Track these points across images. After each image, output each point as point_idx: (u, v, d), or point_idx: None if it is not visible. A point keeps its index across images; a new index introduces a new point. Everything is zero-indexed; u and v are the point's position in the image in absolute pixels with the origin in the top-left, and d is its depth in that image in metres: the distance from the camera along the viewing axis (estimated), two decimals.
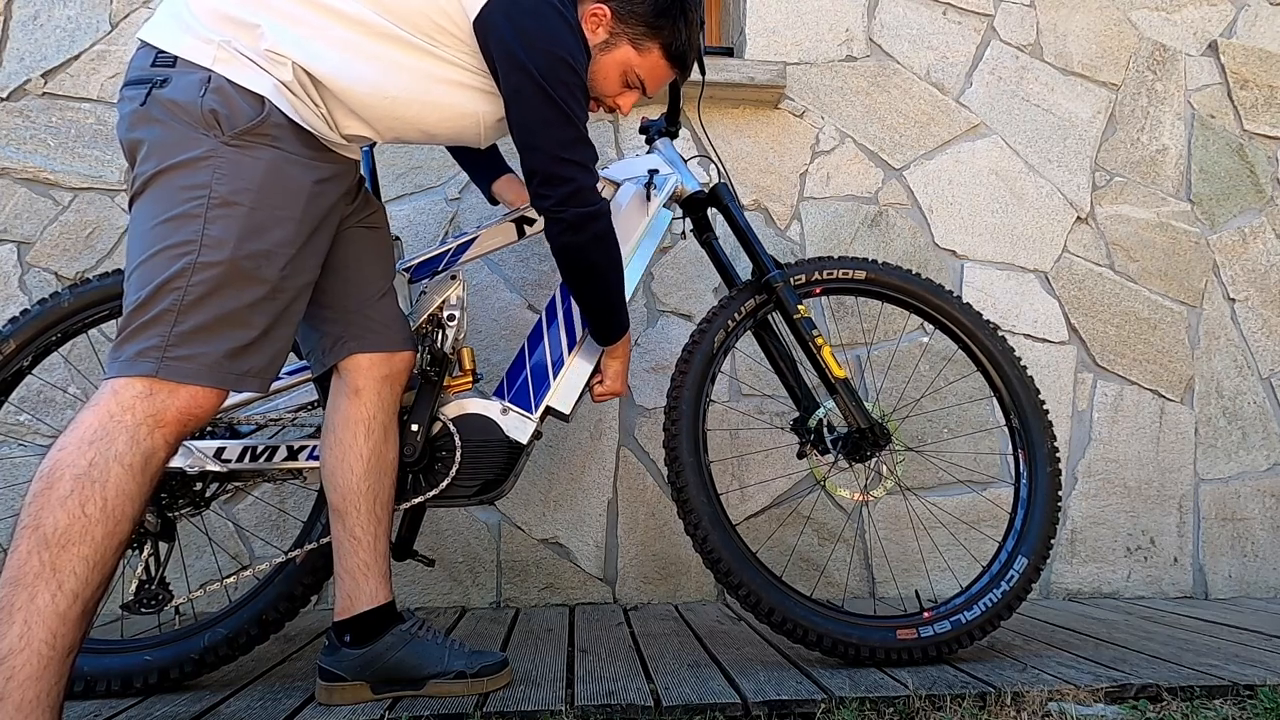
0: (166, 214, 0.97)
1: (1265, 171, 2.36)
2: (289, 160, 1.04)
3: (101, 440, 0.90)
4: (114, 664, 1.25)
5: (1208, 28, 2.40)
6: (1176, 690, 1.23)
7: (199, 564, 1.87)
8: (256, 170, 1.00)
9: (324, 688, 1.19)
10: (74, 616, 0.86)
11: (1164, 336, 2.26)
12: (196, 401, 0.97)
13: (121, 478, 0.90)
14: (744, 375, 2.09)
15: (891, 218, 2.21)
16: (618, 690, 1.21)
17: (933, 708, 1.16)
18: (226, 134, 0.99)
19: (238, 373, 0.99)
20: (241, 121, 1.00)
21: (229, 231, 0.98)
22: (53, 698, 0.84)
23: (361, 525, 1.21)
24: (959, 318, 1.57)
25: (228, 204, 0.98)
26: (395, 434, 1.27)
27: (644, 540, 2.01)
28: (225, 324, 0.98)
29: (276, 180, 1.02)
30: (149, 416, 0.93)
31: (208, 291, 0.96)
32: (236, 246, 0.98)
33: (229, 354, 0.98)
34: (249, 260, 0.99)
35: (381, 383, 1.23)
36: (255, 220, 0.99)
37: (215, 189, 0.98)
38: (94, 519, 0.88)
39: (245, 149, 1.00)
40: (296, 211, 1.04)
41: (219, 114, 0.99)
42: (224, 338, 0.98)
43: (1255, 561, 2.21)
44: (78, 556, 0.86)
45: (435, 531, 1.96)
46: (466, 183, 2.07)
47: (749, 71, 2.09)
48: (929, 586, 2.07)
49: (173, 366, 0.94)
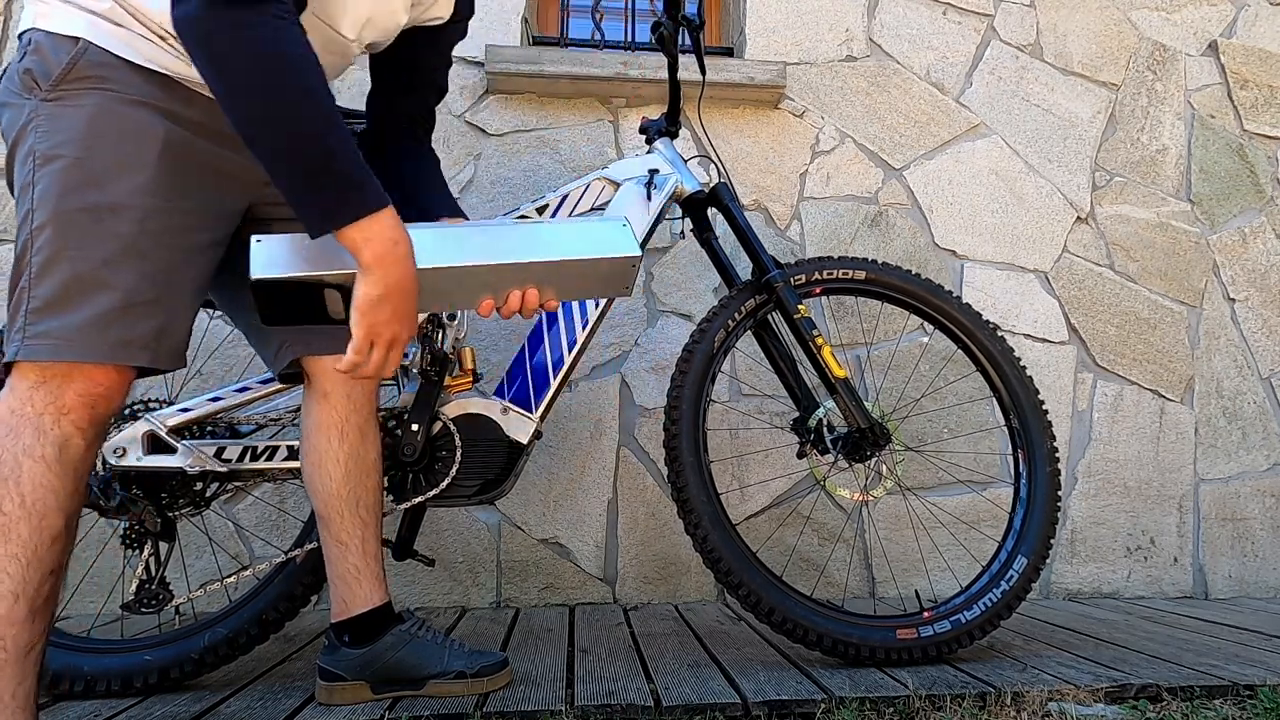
0: (16, 192, 0.92)
1: (1265, 171, 2.36)
2: (124, 101, 0.92)
3: (6, 437, 0.87)
4: (114, 664, 1.25)
5: (1208, 28, 2.40)
6: (1176, 690, 1.23)
7: (199, 564, 1.87)
8: (78, 118, 0.90)
9: (324, 687, 1.19)
10: (20, 616, 0.83)
11: (1164, 336, 2.26)
12: (95, 380, 0.90)
13: (35, 471, 0.87)
14: (744, 375, 2.09)
15: (891, 218, 2.21)
16: (618, 690, 1.21)
17: (933, 708, 1.16)
18: (44, 89, 0.90)
19: (110, 343, 0.90)
20: (55, 70, 0.90)
21: (51, 189, 0.89)
22: (20, 698, 0.83)
23: (346, 530, 1.18)
24: (959, 318, 1.57)
25: (49, 159, 0.89)
26: (374, 434, 1.22)
27: (644, 540, 2.01)
28: (77, 290, 0.88)
29: (107, 124, 0.91)
30: (49, 405, 0.88)
31: (48, 257, 0.88)
32: (62, 200, 0.88)
33: (92, 322, 0.89)
34: (85, 214, 0.89)
35: (349, 383, 1.17)
36: (85, 171, 0.89)
37: (37, 149, 0.89)
38: (14, 516, 0.85)
39: (63, 100, 0.90)
40: (148, 156, 0.92)
41: (33, 72, 0.91)
42: (80, 305, 0.88)
43: (1255, 561, 2.21)
44: (7, 555, 0.84)
45: (435, 531, 1.96)
46: (466, 183, 2.07)
47: (749, 71, 2.09)
48: (929, 586, 2.07)
49: (32, 346, 0.88)
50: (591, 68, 2.06)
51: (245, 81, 0.82)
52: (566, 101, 2.14)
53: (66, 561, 0.90)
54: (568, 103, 2.14)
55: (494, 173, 2.08)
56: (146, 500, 1.24)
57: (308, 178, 0.84)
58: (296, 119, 0.83)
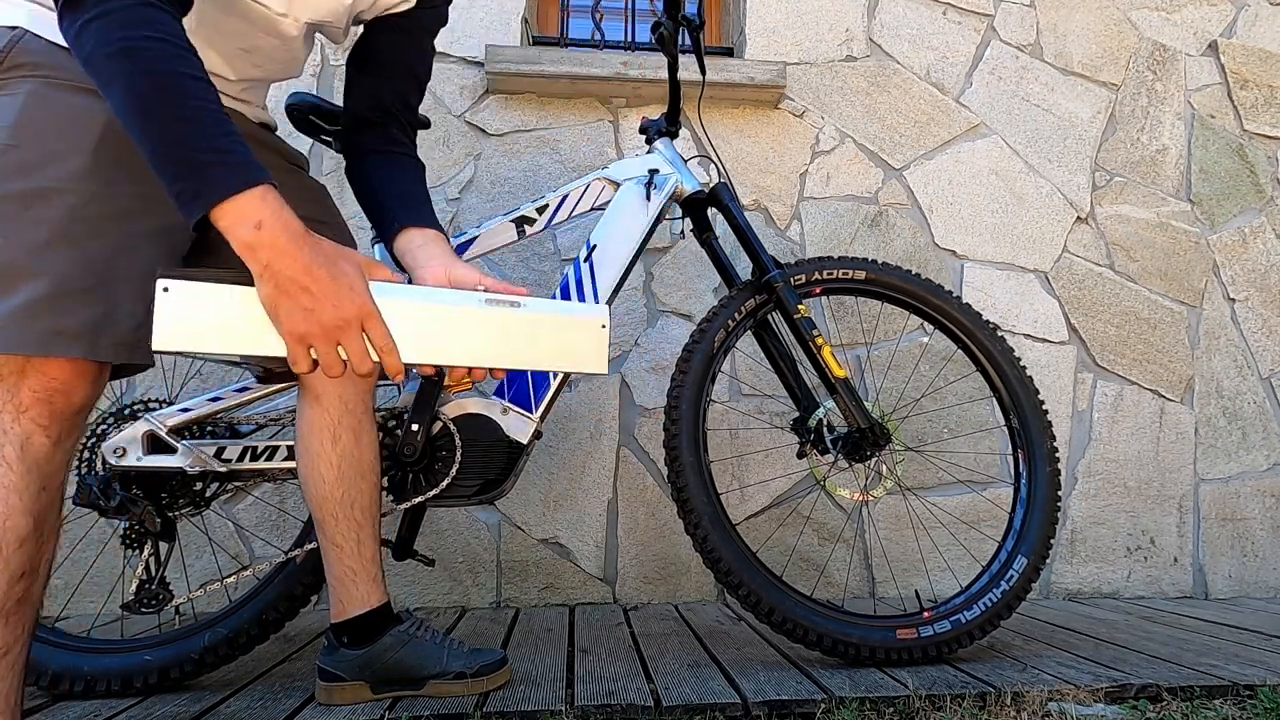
0: None
1: (1265, 171, 2.36)
2: (62, 87, 0.89)
3: None
4: (114, 664, 1.25)
5: (1208, 28, 2.40)
6: (1176, 690, 1.23)
7: (199, 564, 1.87)
8: (11, 106, 0.87)
9: (324, 688, 1.19)
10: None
11: (1164, 336, 2.26)
12: (49, 374, 0.86)
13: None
14: (744, 375, 2.09)
15: (891, 218, 2.21)
16: (618, 690, 1.21)
17: (933, 708, 1.16)
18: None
19: (38, 333, 0.84)
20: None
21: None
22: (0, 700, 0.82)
23: (341, 533, 1.17)
24: (959, 318, 1.57)
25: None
26: (369, 435, 1.20)
27: (644, 540, 2.01)
28: (6, 279, 0.84)
29: (41, 110, 0.88)
30: (5, 403, 0.85)
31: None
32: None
33: (21, 312, 0.84)
34: (13, 203, 0.85)
35: (341, 385, 1.15)
36: (16, 158, 0.86)
37: None
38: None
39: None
40: (85, 142, 0.88)
41: None
42: (8, 295, 0.84)
43: (1255, 561, 2.21)
44: None
45: (435, 531, 1.96)
46: (466, 183, 2.08)
47: (749, 71, 2.09)
48: (929, 586, 2.07)
49: None
50: (591, 68, 2.06)
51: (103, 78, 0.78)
52: (566, 101, 2.14)
53: (43, 563, 0.88)
54: (568, 103, 2.14)
55: (494, 173, 2.08)
56: (146, 500, 1.24)
57: (167, 164, 0.77)
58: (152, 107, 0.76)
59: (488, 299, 0.86)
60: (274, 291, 0.76)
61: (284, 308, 0.76)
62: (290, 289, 0.76)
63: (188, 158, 0.76)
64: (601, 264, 1.41)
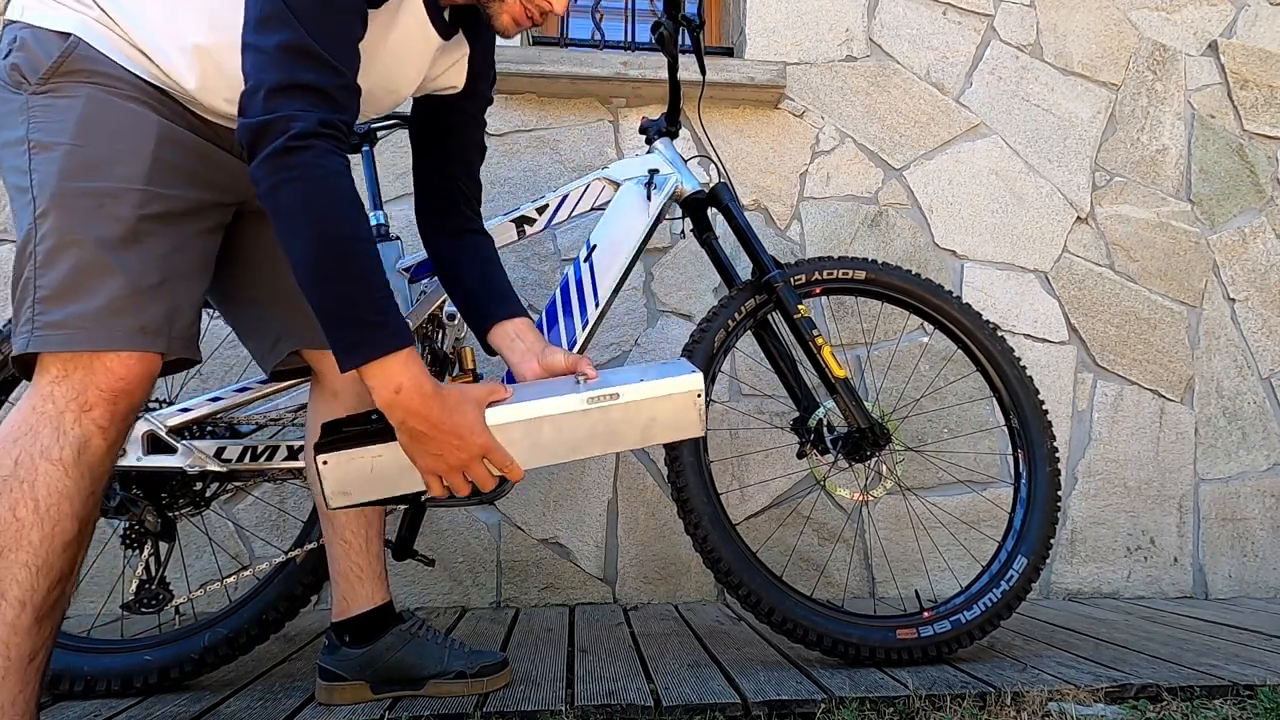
0: (10, 187, 0.91)
1: (1265, 171, 2.36)
2: (117, 95, 0.92)
3: (25, 437, 0.84)
4: (114, 664, 1.25)
5: (1208, 28, 2.40)
6: (1176, 690, 1.23)
7: (199, 564, 1.87)
8: (72, 108, 0.89)
9: (324, 687, 1.19)
10: (25, 624, 0.81)
11: (1164, 336, 2.26)
12: (116, 373, 0.88)
13: (52, 475, 0.84)
14: (744, 375, 2.09)
15: (891, 218, 2.21)
16: (618, 690, 1.21)
17: (933, 708, 1.16)
18: (33, 83, 0.89)
19: (128, 329, 0.88)
20: (44, 63, 0.89)
21: (50, 175, 0.88)
22: (19, 707, 0.81)
23: (351, 529, 1.19)
24: (959, 318, 1.57)
25: (45, 148, 0.88)
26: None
27: (644, 540, 2.01)
28: (87, 275, 0.87)
29: (101, 115, 0.90)
30: (71, 401, 0.86)
31: (54, 245, 0.87)
32: (63, 185, 0.87)
33: (107, 309, 0.87)
34: (88, 199, 0.88)
35: (360, 383, 1.13)
36: (82, 157, 0.89)
37: (32, 138, 0.89)
38: (27, 523, 0.83)
39: (56, 91, 0.90)
40: (142, 145, 0.91)
41: (20, 68, 0.90)
42: (92, 292, 0.87)
43: (1255, 561, 2.21)
44: (17, 563, 0.82)
45: (435, 531, 1.96)
46: None
47: (749, 71, 2.09)
48: (929, 586, 2.07)
49: (44, 337, 0.86)
50: (591, 68, 2.06)
51: (293, 233, 0.85)
52: (566, 101, 2.14)
53: (78, 567, 0.88)
54: (568, 103, 2.14)
55: (494, 173, 2.08)
56: (146, 500, 1.24)
57: (335, 318, 0.86)
58: (331, 270, 0.85)
59: (589, 399, 0.94)
60: (409, 441, 0.89)
61: (417, 453, 0.90)
62: (422, 439, 0.89)
63: (354, 315, 0.86)
64: (601, 264, 1.41)
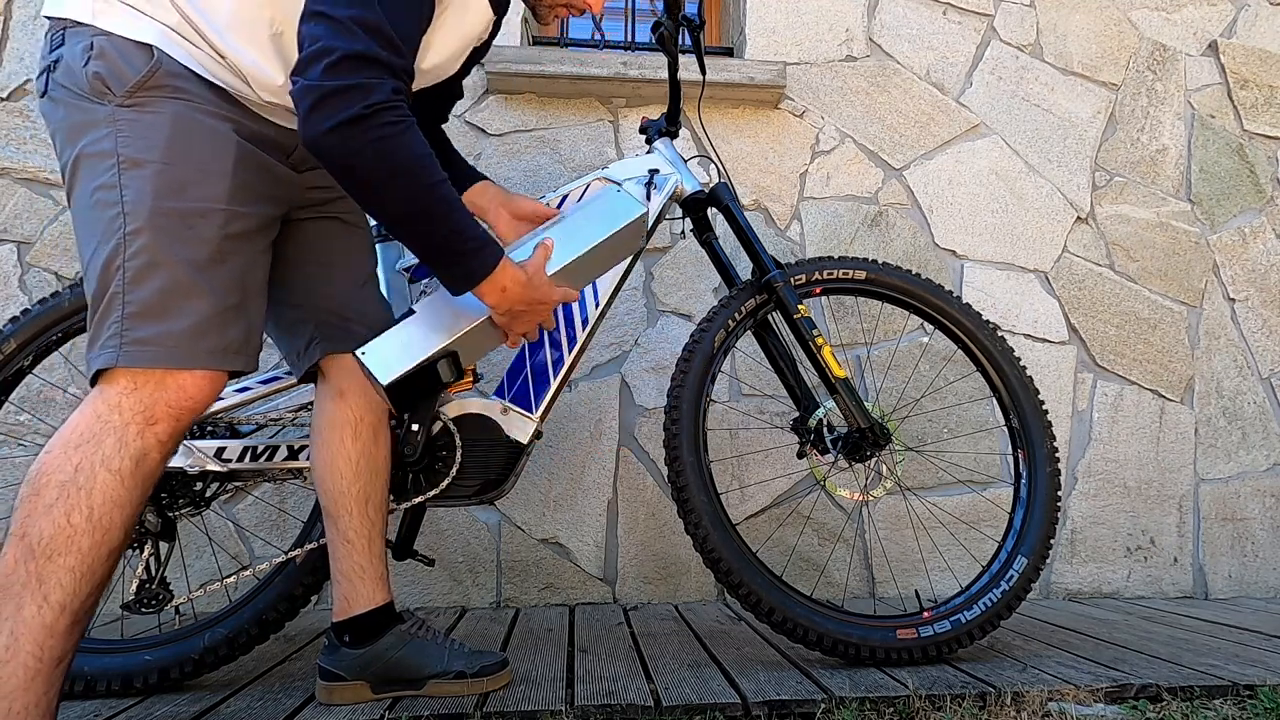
0: (91, 198, 0.91)
1: (1265, 171, 2.36)
2: (200, 110, 0.94)
3: (88, 444, 0.86)
4: (114, 664, 1.25)
5: (1208, 28, 2.40)
6: (1176, 690, 1.23)
7: (199, 564, 1.87)
8: (160, 125, 0.91)
9: (324, 687, 1.19)
10: (62, 628, 0.83)
11: (1164, 336, 2.26)
12: (186, 391, 0.90)
13: (109, 484, 0.86)
14: (744, 375, 2.09)
15: (891, 218, 2.21)
16: (618, 690, 1.21)
17: (933, 708, 1.16)
18: (118, 96, 0.90)
19: (211, 349, 0.91)
20: (130, 77, 0.90)
21: (144, 193, 0.89)
22: (42, 708, 0.82)
23: (354, 528, 1.19)
24: (959, 318, 1.57)
25: (137, 164, 0.90)
26: (385, 434, 1.23)
27: (644, 540, 2.01)
28: (177, 295, 0.90)
29: (188, 131, 0.92)
30: (137, 414, 0.88)
31: (147, 263, 0.88)
32: (158, 204, 0.89)
33: (194, 330, 0.90)
34: (178, 220, 0.90)
35: (366, 383, 1.18)
36: (172, 176, 0.91)
37: (122, 153, 0.90)
38: (80, 529, 0.84)
39: (143, 106, 0.91)
40: (225, 165, 0.94)
41: (104, 77, 0.90)
42: (181, 312, 0.90)
43: (1255, 561, 2.21)
44: (64, 567, 0.83)
45: (435, 531, 1.96)
46: None
47: (749, 71, 2.09)
48: (929, 586, 2.07)
49: (132, 353, 0.87)
50: (591, 68, 2.06)
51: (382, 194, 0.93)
52: (566, 101, 2.14)
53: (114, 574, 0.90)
54: (568, 103, 2.14)
55: (494, 173, 2.08)
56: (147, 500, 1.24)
57: (441, 255, 0.99)
58: (428, 214, 0.95)
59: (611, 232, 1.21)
60: (510, 320, 1.09)
61: (516, 325, 1.11)
62: (520, 316, 1.09)
63: (457, 250, 0.99)
64: None
